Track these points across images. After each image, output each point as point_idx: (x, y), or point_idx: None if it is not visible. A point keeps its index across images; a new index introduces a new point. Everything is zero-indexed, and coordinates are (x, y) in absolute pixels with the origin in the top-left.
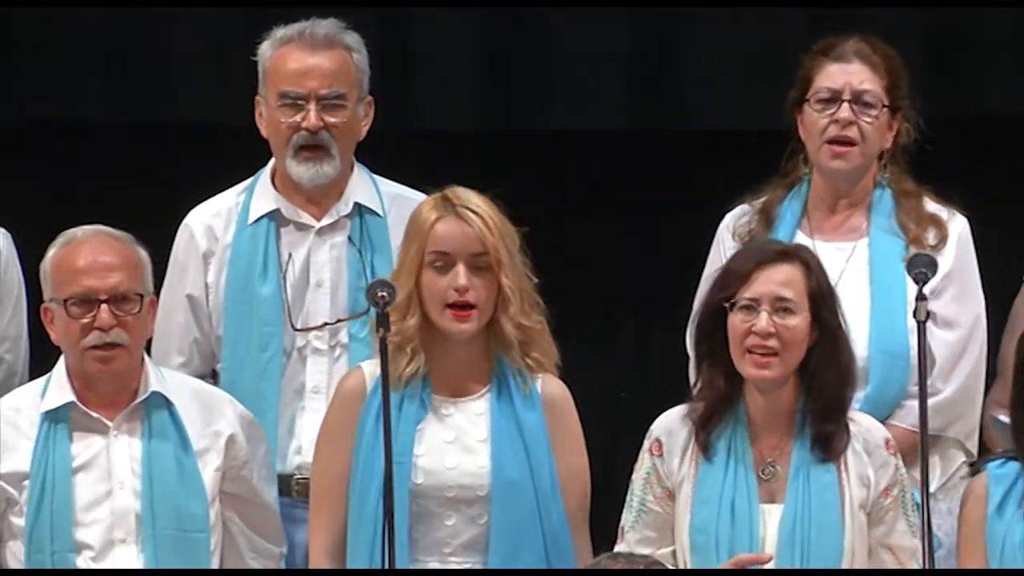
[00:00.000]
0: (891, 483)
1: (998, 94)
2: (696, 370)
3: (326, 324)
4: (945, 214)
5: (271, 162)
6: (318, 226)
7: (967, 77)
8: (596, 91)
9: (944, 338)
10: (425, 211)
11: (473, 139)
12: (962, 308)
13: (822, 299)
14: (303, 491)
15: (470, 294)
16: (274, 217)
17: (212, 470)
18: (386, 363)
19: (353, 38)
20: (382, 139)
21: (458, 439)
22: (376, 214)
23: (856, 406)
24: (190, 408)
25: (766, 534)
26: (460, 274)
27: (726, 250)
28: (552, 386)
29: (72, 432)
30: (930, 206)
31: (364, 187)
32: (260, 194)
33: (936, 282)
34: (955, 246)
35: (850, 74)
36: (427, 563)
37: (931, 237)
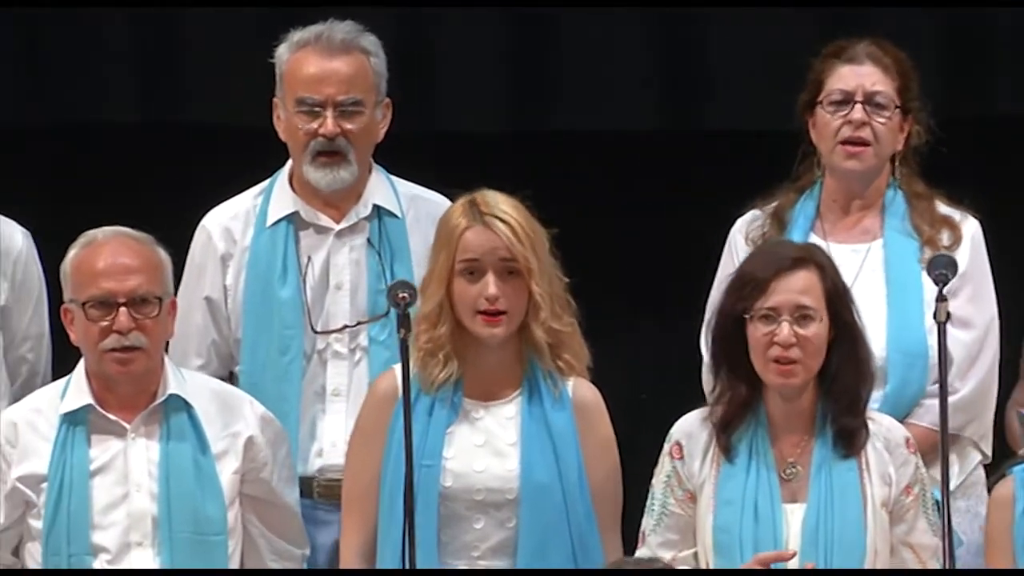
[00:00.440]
0: (912, 481)
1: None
2: (713, 375)
3: (346, 327)
4: (957, 216)
5: (288, 164)
6: (337, 228)
7: (982, 78)
8: (620, 91)
9: (961, 338)
10: (454, 218)
11: (494, 140)
12: (978, 308)
13: (838, 299)
14: (325, 493)
15: (500, 302)
16: (293, 220)
17: (230, 472)
18: (407, 364)
19: (370, 41)
20: (402, 141)
21: (488, 442)
22: (394, 216)
23: (875, 406)
24: (209, 410)
25: (789, 533)
26: (490, 283)
27: (739, 255)
28: (583, 390)
29: (90, 435)
30: (942, 208)
31: (382, 189)
32: (278, 196)
33: (952, 283)
34: (969, 247)
35: (862, 76)
36: (455, 566)
37: (945, 238)
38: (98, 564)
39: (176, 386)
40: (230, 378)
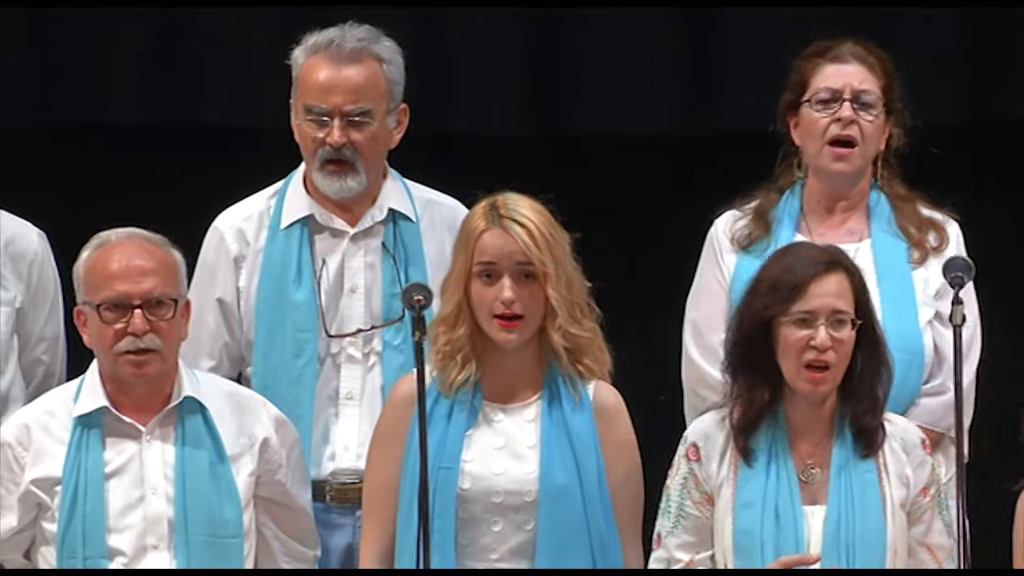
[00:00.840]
0: (929, 483)
1: None
2: (732, 377)
3: (360, 330)
4: (940, 218)
5: (302, 166)
6: (352, 232)
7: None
8: (642, 93)
9: (951, 338)
10: (474, 221)
11: (511, 142)
12: (965, 309)
13: (864, 301)
14: (338, 496)
15: (516, 306)
16: (307, 222)
17: (246, 475)
18: (421, 365)
19: (385, 47)
20: (419, 142)
21: (507, 445)
22: (409, 220)
23: None
24: (224, 412)
25: (810, 536)
26: (506, 286)
27: (723, 255)
28: (604, 393)
29: (105, 437)
30: (924, 211)
31: (397, 193)
32: (292, 198)
33: (941, 284)
34: (955, 249)
35: (849, 75)
36: (474, 568)
37: (932, 239)
38: (114, 567)
39: (191, 388)
40: (239, 379)
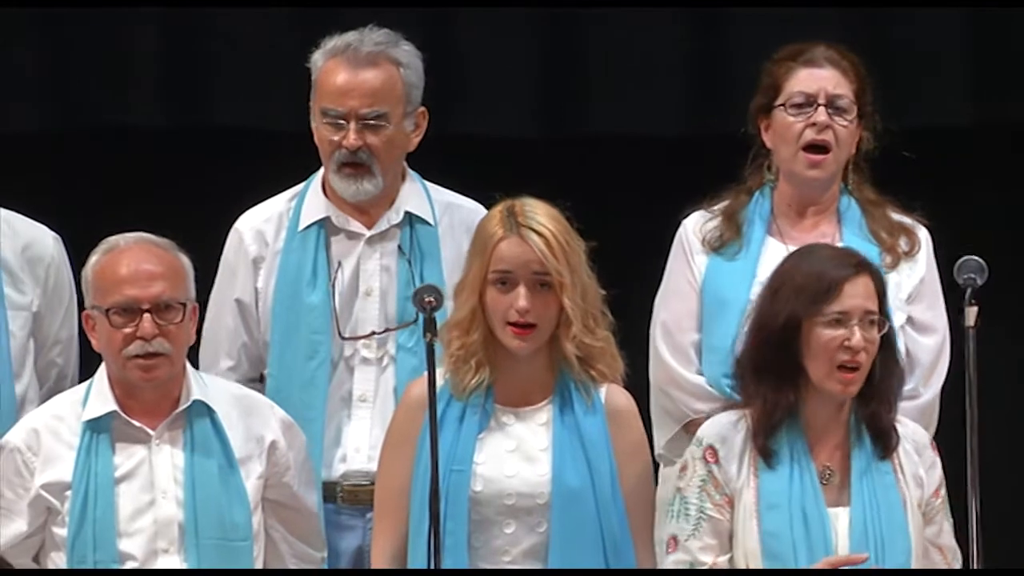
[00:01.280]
0: (939, 484)
1: None
2: (754, 378)
3: (374, 333)
4: (909, 223)
5: (323, 168)
6: (368, 235)
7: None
8: (655, 94)
9: (925, 343)
10: (491, 226)
11: (523, 144)
12: (936, 314)
13: (885, 304)
14: (348, 498)
15: (530, 315)
16: (324, 225)
17: (255, 478)
18: (432, 367)
19: (403, 51)
20: (429, 144)
21: (519, 448)
22: (427, 223)
23: None
24: (232, 415)
25: (837, 538)
26: (521, 295)
27: (694, 256)
28: (616, 396)
29: (114, 442)
30: (894, 216)
31: (416, 196)
32: (311, 201)
33: (913, 288)
34: (926, 254)
35: (823, 79)
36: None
37: (903, 244)
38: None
39: (199, 392)
40: (260, 380)
